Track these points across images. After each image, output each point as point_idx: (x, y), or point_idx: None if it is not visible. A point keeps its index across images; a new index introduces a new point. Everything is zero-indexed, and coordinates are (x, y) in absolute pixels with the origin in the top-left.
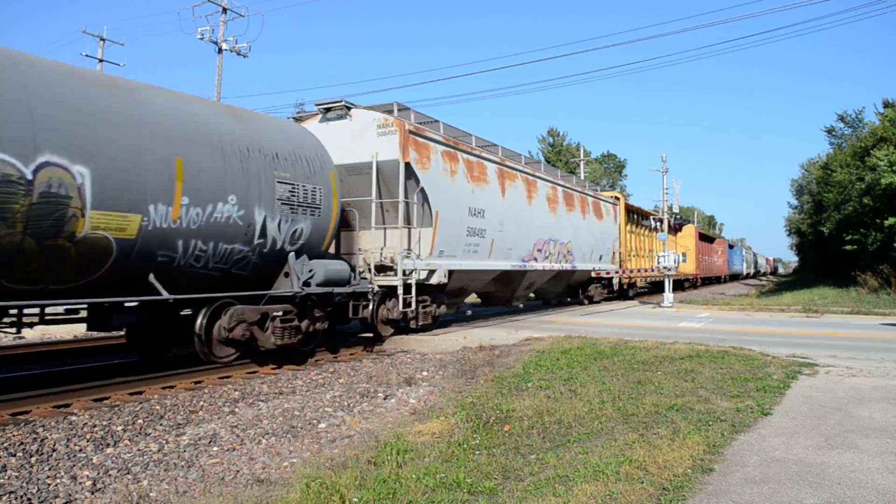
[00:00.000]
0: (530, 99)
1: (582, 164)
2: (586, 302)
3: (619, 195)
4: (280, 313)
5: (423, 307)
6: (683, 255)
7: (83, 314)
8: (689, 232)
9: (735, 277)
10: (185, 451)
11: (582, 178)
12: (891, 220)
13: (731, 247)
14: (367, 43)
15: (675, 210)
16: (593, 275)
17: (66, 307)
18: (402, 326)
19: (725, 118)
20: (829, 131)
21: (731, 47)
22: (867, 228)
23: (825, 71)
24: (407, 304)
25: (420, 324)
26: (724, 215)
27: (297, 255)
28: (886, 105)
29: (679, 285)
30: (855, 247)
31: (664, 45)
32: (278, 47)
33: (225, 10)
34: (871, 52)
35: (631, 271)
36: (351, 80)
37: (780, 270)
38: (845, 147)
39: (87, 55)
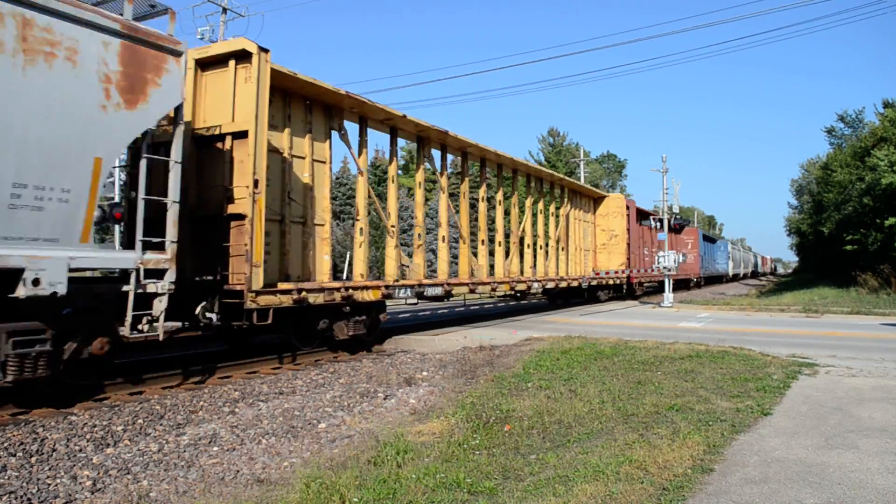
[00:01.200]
0: (530, 99)
1: (582, 164)
2: None
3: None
4: None
5: None
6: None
7: None
8: (618, 209)
9: (715, 280)
10: (185, 451)
11: (582, 179)
12: (891, 220)
13: (710, 240)
14: (366, 43)
15: (676, 210)
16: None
17: None
18: None
19: (725, 118)
20: (829, 131)
21: (731, 47)
22: (867, 228)
23: (825, 71)
24: None
25: None
26: (724, 215)
27: None
28: (886, 105)
29: (589, 297)
30: (855, 247)
31: (664, 45)
32: (278, 47)
33: (225, 10)
34: (871, 52)
35: (345, 283)
36: (351, 81)
37: (780, 270)
38: (845, 147)
39: None
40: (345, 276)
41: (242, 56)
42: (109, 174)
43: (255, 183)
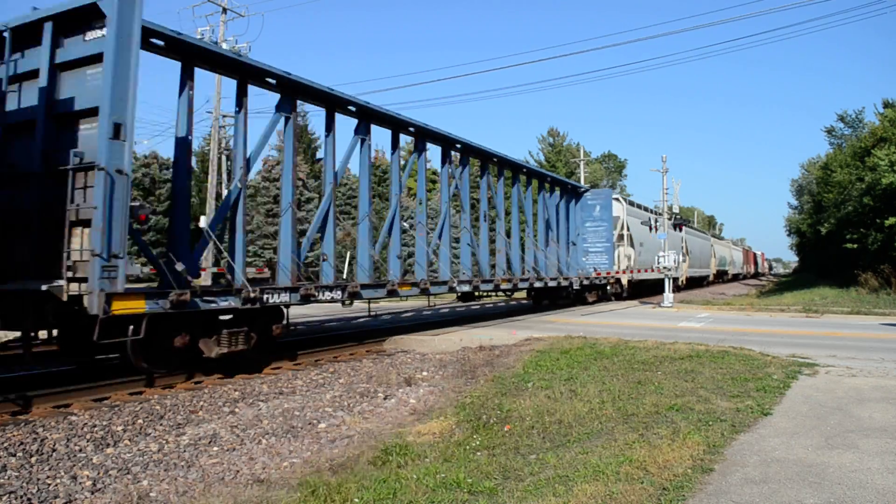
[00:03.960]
0: (530, 99)
1: (582, 164)
2: None
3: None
4: None
5: None
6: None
7: None
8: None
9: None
10: (185, 451)
11: (582, 179)
12: (891, 220)
13: (560, 187)
14: (367, 43)
15: (676, 210)
16: None
17: None
18: None
19: (725, 118)
20: (829, 131)
21: (731, 47)
22: (867, 228)
23: (825, 71)
24: None
25: None
26: (724, 215)
27: None
28: (886, 105)
29: None
30: (855, 246)
31: (664, 45)
32: (278, 47)
33: (225, 10)
34: (871, 53)
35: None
36: (351, 80)
37: (781, 270)
38: (845, 147)
39: None
40: (345, 276)
41: None
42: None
43: None
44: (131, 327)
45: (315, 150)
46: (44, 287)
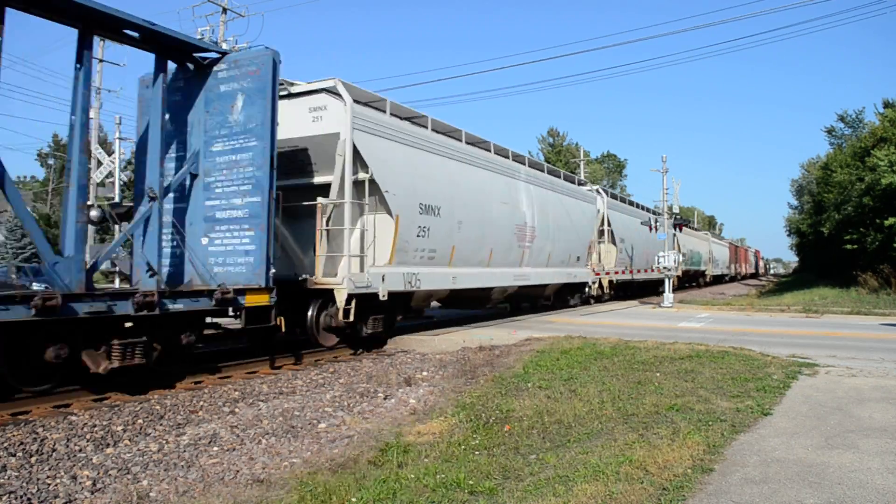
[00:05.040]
0: (530, 99)
1: (582, 164)
2: None
3: None
4: None
5: None
6: None
7: None
8: None
9: None
10: (185, 451)
11: (582, 178)
12: (891, 220)
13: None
14: (366, 43)
15: (676, 210)
16: None
17: None
18: None
19: (725, 118)
20: (829, 131)
21: (731, 47)
22: (867, 228)
23: (825, 71)
24: None
25: None
26: (724, 215)
27: None
28: (886, 105)
29: None
30: (855, 246)
31: (664, 45)
32: (278, 47)
33: (225, 10)
34: (871, 53)
35: None
36: (351, 81)
37: (781, 270)
38: (845, 147)
39: None
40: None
41: None
42: (109, 174)
43: None
44: None
45: None
46: None
